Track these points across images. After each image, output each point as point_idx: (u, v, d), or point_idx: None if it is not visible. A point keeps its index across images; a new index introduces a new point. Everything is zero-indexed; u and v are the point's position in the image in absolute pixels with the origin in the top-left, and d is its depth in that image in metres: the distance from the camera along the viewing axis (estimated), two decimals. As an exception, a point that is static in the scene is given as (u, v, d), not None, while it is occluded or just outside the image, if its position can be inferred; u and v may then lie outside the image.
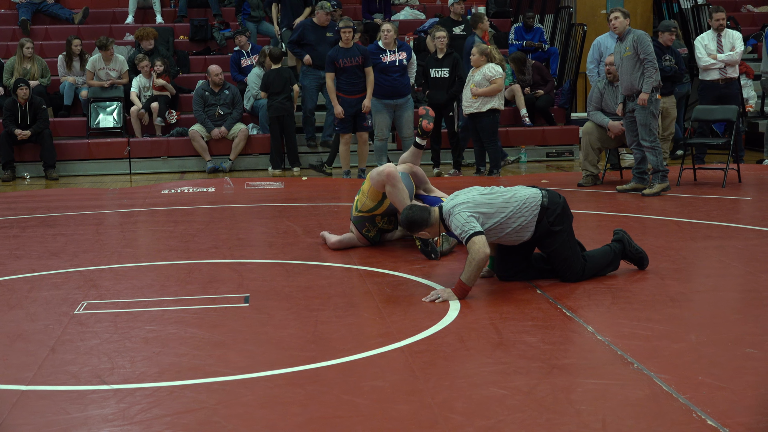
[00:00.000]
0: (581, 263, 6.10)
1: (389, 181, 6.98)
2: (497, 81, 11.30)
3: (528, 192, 6.00)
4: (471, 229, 5.70)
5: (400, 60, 11.82)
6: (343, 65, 11.66)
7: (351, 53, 11.67)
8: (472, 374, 4.43)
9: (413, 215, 5.96)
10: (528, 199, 5.94)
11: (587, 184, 10.84)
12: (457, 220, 5.77)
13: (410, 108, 12.00)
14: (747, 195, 10.00)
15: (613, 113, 10.59)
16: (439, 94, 11.80)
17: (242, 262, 7.13)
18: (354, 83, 11.73)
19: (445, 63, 11.85)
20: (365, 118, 11.85)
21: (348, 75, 11.71)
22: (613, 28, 9.96)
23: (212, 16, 16.29)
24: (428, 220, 5.95)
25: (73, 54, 14.20)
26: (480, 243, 5.66)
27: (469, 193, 5.99)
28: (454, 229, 5.82)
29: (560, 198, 6.06)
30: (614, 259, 6.28)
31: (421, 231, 6.04)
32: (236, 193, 11.16)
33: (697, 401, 3.99)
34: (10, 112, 12.95)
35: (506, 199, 5.93)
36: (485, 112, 11.40)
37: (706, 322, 5.26)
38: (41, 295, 6.18)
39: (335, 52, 11.78)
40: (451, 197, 6.04)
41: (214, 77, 13.27)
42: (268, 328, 5.27)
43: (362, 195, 7.26)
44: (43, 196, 11.36)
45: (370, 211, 7.25)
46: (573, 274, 6.08)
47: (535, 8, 16.33)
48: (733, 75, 12.12)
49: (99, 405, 4.14)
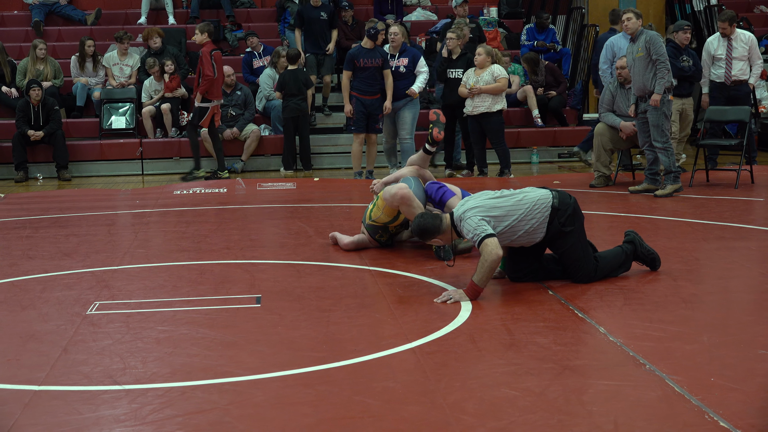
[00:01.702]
0: (593, 264, 6.08)
1: (403, 203, 6.98)
2: (501, 81, 11.30)
3: (538, 193, 5.98)
4: (483, 232, 5.70)
5: (398, 67, 11.86)
6: (363, 65, 11.68)
7: (372, 54, 11.69)
8: (483, 375, 4.43)
9: (425, 223, 5.92)
10: (538, 201, 5.93)
11: (599, 185, 10.82)
12: (469, 224, 5.76)
13: (408, 109, 11.97)
14: (760, 196, 9.97)
15: (625, 115, 10.57)
16: (455, 95, 11.77)
17: (254, 262, 7.14)
18: (371, 84, 11.75)
19: (459, 64, 11.84)
20: (377, 120, 11.87)
21: (367, 75, 11.72)
22: (626, 28, 9.94)
23: (224, 17, 16.33)
24: (440, 227, 5.92)
25: (86, 55, 14.26)
26: (492, 245, 5.66)
27: (479, 198, 5.97)
28: (465, 234, 5.81)
29: (571, 198, 6.05)
30: (626, 261, 6.26)
31: (434, 238, 6.02)
32: (248, 194, 11.17)
33: (709, 402, 3.98)
34: (23, 113, 13.00)
35: (516, 202, 5.92)
36: (494, 112, 11.40)
37: (718, 324, 5.24)
38: (54, 295, 6.20)
39: (357, 51, 11.80)
40: (461, 203, 6.02)
41: (225, 78, 13.29)
42: (280, 329, 5.28)
43: (377, 209, 7.24)
44: (55, 196, 11.40)
45: (385, 224, 7.27)
46: (584, 274, 6.07)
47: (548, 9, 16.31)
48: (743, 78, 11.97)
49: (111, 405, 4.15)
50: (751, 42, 11.97)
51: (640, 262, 6.37)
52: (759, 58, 12.04)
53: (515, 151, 13.79)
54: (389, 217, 7.18)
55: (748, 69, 11.92)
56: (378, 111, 11.81)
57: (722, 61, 11.91)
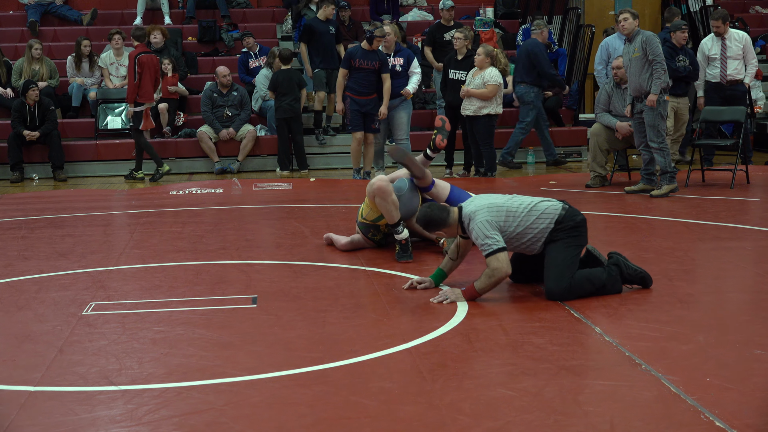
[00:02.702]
0: (567, 282, 5.71)
1: (378, 194, 6.98)
2: (489, 87, 11.25)
3: (548, 204, 5.87)
4: (495, 244, 5.61)
5: (394, 66, 11.84)
6: (359, 65, 11.65)
7: (370, 56, 11.64)
8: (479, 375, 4.43)
9: (432, 214, 5.84)
10: (546, 210, 5.81)
11: (595, 185, 10.83)
12: (479, 229, 5.66)
13: (403, 110, 11.96)
14: (755, 196, 9.98)
15: (621, 115, 10.58)
16: (457, 97, 11.74)
17: (250, 263, 7.13)
18: (365, 85, 11.71)
19: (463, 65, 11.78)
20: (374, 120, 11.85)
21: (362, 76, 11.68)
22: (622, 29, 9.94)
23: (220, 17, 16.33)
24: (446, 220, 5.83)
25: (83, 55, 14.25)
26: (503, 261, 5.61)
27: (490, 198, 5.87)
28: (474, 238, 5.70)
29: (579, 215, 5.87)
30: (610, 282, 5.85)
31: (438, 230, 5.97)
32: (244, 195, 11.17)
33: (705, 402, 3.98)
34: (19, 114, 12.98)
35: (525, 208, 5.80)
36: (482, 116, 11.39)
37: (714, 324, 5.24)
38: (49, 296, 6.19)
39: (355, 50, 11.76)
40: (470, 199, 5.95)
41: (221, 78, 13.29)
42: (276, 329, 5.27)
43: (365, 206, 7.26)
44: (51, 197, 11.39)
45: (374, 221, 7.26)
46: (558, 285, 5.70)
47: (544, 9, 16.32)
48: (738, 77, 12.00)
49: (107, 406, 4.14)
50: (746, 41, 12.01)
51: (628, 284, 5.98)
52: (753, 58, 12.07)
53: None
54: (376, 213, 7.16)
55: (743, 68, 11.95)
56: (374, 111, 11.77)
57: (717, 61, 11.94)
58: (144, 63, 12.42)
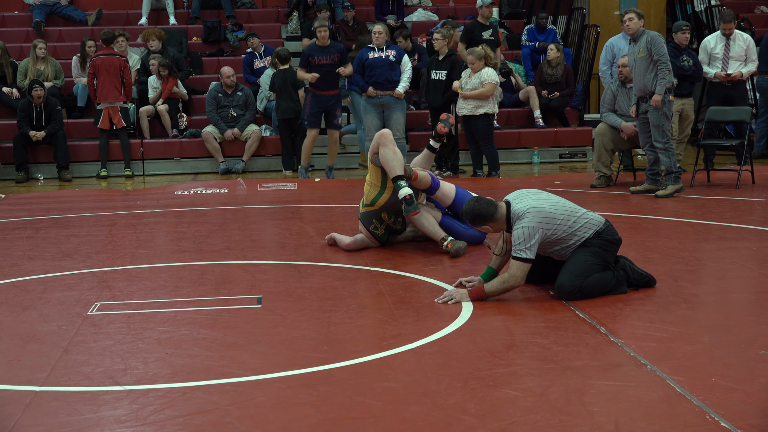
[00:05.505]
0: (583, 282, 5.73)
1: (382, 141, 7.06)
2: (487, 86, 11.27)
3: (593, 215, 5.86)
4: (527, 255, 5.63)
5: (387, 56, 11.88)
6: (318, 62, 11.78)
7: (327, 51, 11.81)
8: (484, 376, 4.43)
9: (479, 208, 5.77)
10: (590, 221, 5.80)
11: (600, 186, 10.82)
12: (524, 233, 5.63)
13: (399, 109, 11.97)
14: (761, 196, 9.97)
15: (626, 114, 10.57)
16: (437, 98, 11.76)
17: (255, 263, 7.14)
18: (328, 80, 11.93)
19: (443, 65, 11.82)
20: (336, 116, 11.94)
21: (323, 72, 11.87)
22: (627, 29, 9.93)
23: (225, 17, 16.33)
24: (494, 215, 5.77)
25: (88, 55, 14.25)
26: (524, 272, 5.65)
27: (539, 200, 5.79)
28: (514, 238, 5.68)
29: (617, 235, 5.88)
30: (617, 285, 5.87)
31: (485, 225, 5.88)
32: (249, 195, 11.17)
33: (710, 403, 3.98)
34: (25, 114, 13.00)
35: (571, 217, 5.76)
36: (479, 116, 11.41)
37: (719, 324, 5.24)
38: (54, 296, 6.20)
39: (310, 49, 11.95)
40: (522, 196, 5.86)
41: (226, 79, 13.30)
42: (281, 330, 5.28)
43: (366, 185, 7.31)
44: (56, 197, 11.40)
45: (374, 202, 7.24)
46: (570, 283, 5.70)
47: (548, 9, 16.31)
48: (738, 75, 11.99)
49: (112, 406, 4.15)
50: (749, 43, 12.02)
51: (633, 288, 5.98)
52: (755, 59, 12.08)
53: (517, 152, 13.82)
54: (377, 183, 7.17)
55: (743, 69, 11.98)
56: (336, 107, 11.92)
57: (719, 60, 11.93)
58: (98, 65, 13.04)
